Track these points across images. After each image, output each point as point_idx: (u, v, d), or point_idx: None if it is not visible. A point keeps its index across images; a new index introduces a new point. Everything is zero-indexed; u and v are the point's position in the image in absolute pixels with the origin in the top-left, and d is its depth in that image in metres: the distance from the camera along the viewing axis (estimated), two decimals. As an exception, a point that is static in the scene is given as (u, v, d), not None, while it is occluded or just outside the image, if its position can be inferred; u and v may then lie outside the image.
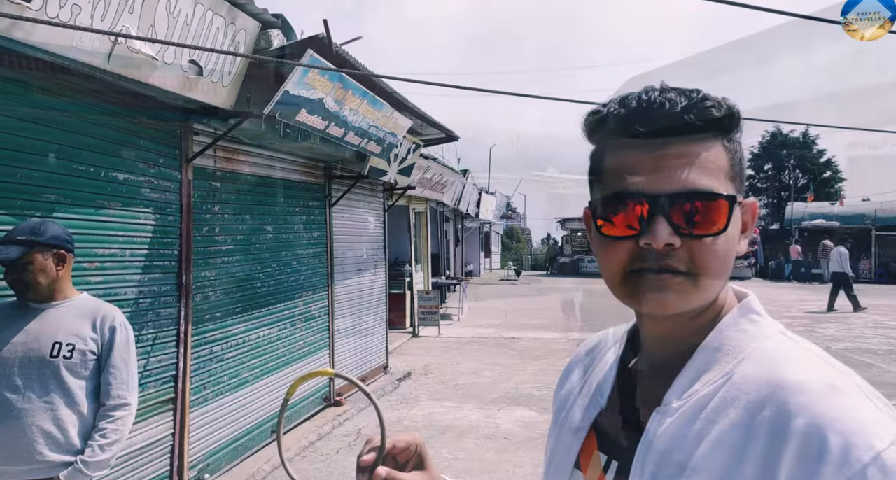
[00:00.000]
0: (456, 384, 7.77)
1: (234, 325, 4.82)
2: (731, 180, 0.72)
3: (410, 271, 11.96)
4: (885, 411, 0.63)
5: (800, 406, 0.62)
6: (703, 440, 0.65)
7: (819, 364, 0.67)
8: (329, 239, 6.60)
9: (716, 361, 0.70)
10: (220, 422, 4.57)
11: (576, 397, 0.86)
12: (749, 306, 0.76)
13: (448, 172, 12.38)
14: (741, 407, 0.65)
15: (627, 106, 0.71)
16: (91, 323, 2.19)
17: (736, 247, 0.73)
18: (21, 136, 2.94)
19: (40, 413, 2.07)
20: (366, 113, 5.54)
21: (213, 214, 4.55)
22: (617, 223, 0.71)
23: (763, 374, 0.66)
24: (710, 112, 0.70)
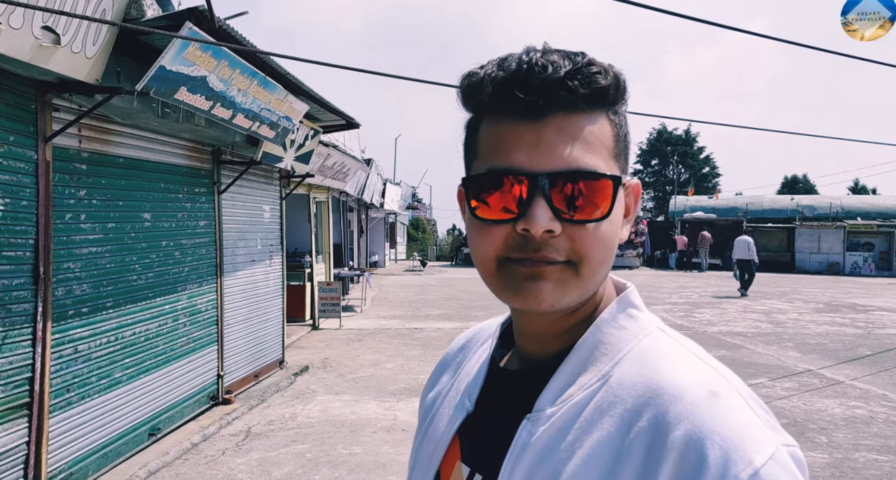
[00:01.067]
0: (355, 377, 7.62)
1: (105, 321, 4.41)
2: (616, 158, 0.65)
3: (311, 262, 11.62)
4: (763, 417, 0.59)
5: (678, 415, 0.57)
6: (576, 453, 0.59)
7: (699, 365, 0.63)
8: (218, 228, 6.22)
9: (592, 361, 0.65)
10: (86, 427, 4.17)
11: (442, 400, 0.78)
12: (628, 299, 0.70)
13: (350, 161, 12.11)
14: (617, 416, 0.60)
15: (506, 68, 0.62)
16: None
17: (619, 234, 0.66)
18: None
19: None
20: (256, 94, 5.24)
21: (77, 200, 4.11)
22: (492, 204, 0.63)
23: (640, 377, 0.62)
24: (596, 79, 0.62)
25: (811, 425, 5.54)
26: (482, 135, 0.66)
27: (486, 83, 0.63)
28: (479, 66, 0.66)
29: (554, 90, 0.61)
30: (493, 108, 0.64)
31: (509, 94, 0.62)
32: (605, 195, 0.62)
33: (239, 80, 4.80)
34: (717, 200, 28.36)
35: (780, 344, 9.42)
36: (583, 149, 0.62)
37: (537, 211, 0.60)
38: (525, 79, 0.61)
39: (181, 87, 4.12)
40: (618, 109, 0.66)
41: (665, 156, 43.99)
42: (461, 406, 0.73)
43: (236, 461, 4.78)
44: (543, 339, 0.69)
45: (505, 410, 0.68)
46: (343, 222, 16.53)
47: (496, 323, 0.82)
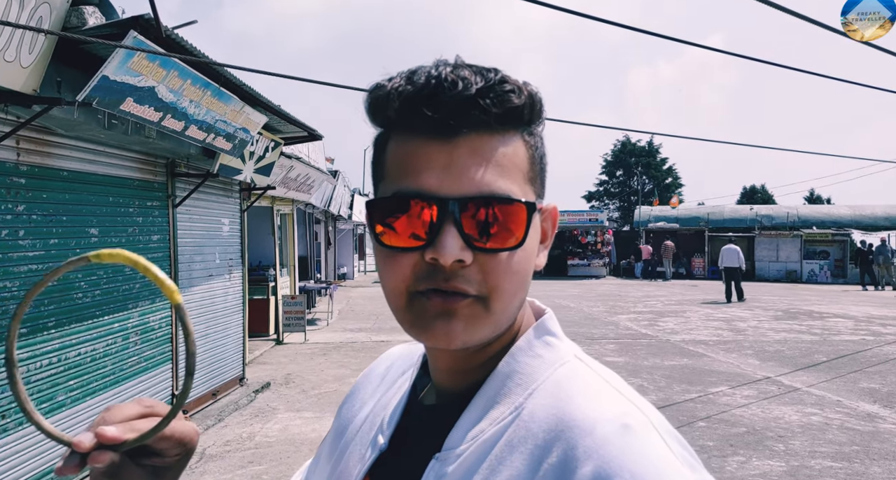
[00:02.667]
0: (318, 392, 7.46)
1: (47, 342, 4.20)
2: (531, 182, 0.61)
3: (275, 275, 11.41)
4: (680, 454, 0.55)
5: (587, 450, 0.54)
6: None
7: (613, 396, 0.59)
8: (172, 243, 6.04)
9: (506, 393, 0.61)
10: (22, 456, 3.95)
11: (356, 433, 0.73)
12: (545, 326, 0.66)
13: (315, 173, 11.96)
14: (528, 452, 0.56)
15: (415, 82, 0.58)
16: None
17: (534, 261, 0.63)
18: None
19: None
20: (210, 106, 5.11)
21: (15, 216, 3.92)
22: (399, 230, 0.58)
23: (553, 410, 0.58)
24: (509, 97, 0.58)
25: (769, 433, 5.59)
26: (389, 154, 0.61)
27: (392, 98, 0.59)
28: (388, 79, 0.61)
29: (465, 108, 0.57)
30: (400, 126, 0.60)
31: (417, 111, 0.57)
32: (519, 221, 0.58)
33: (190, 90, 4.67)
34: (680, 209, 28.94)
35: (741, 351, 9.56)
36: (496, 172, 0.58)
37: (447, 239, 0.56)
38: (434, 95, 0.57)
39: (127, 98, 3.98)
40: (533, 130, 0.63)
41: (629, 167, 44.86)
42: (375, 443, 0.69)
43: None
44: (457, 374, 0.65)
45: (418, 448, 0.64)
46: (310, 234, 16.32)
47: (419, 350, 0.76)
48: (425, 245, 0.57)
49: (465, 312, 0.58)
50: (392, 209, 0.59)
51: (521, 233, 0.59)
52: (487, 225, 0.58)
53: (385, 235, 0.59)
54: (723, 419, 5.99)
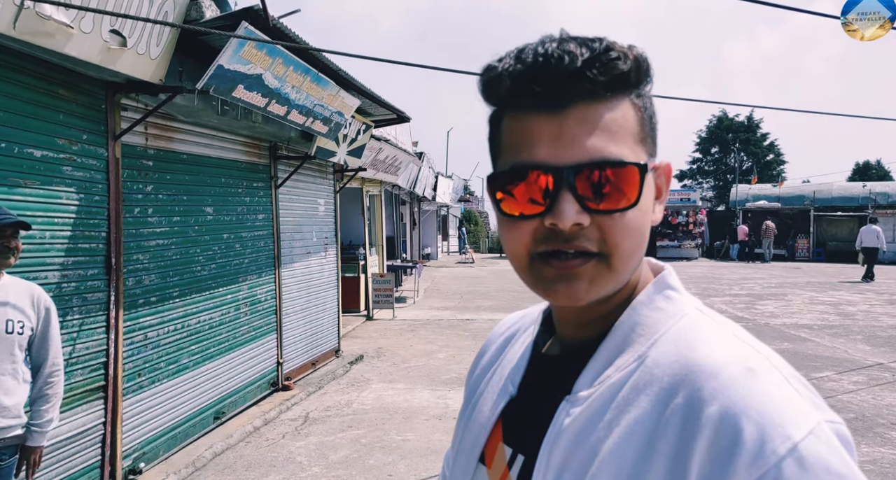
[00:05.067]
0: (408, 366, 7.75)
1: (172, 310, 4.66)
2: (642, 143, 0.64)
3: (364, 254, 11.84)
4: (805, 395, 0.58)
5: (713, 391, 0.56)
6: (613, 431, 0.60)
7: (735, 343, 0.62)
8: (275, 221, 6.44)
9: (629, 343, 0.65)
10: (157, 410, 4.42)
11: (486, 384, 0.80)
12: (665, 281, 0.69)
13: (402, 154, 12.24)
14: (653, 395, 0.59)
15: (523, 60, 0.62)
16: (30, 302, 2.43)
17: (650, 218, 0.66)
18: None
19: None
20: (309, 90, 5.38)
21: (145, 195, 4.35)
22: (519, 198, 0.63)
23: (677, 356, 0.61)
24: (616, 65, 0.61)
25: (880, 420, 5.27)
26: (504, 131, 0.65)
27: (503, 78, 0.63)
28: (497, 59, 0.65)
29: (572, 81, 0.60)
30: (512, 103, 0.64)
31: (527, 89, 0.61)
32: (632, 183, 0.61)
33: (293, 76, 4.94)
34: (782, 188, 27.09)
35: (849, 336, 8.97)
36: (606, 138, 0.61)
37: (564, 205, 0.60)
38: (542, 71, 0.60)
39: (238, 85, 4.29)
40: (641, 92, 0.65)
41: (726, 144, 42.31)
42: (504, 390, 0.74)
43: (295, 444, 4.97)
44: (581, 325, 0.70)
45: (546, 393, 0.69)
46: (396, 215, 16.75)
47: (538, 309, 0.82)
48: (544, 212, 0.61)
49: (588, 273, 0.62)
50: (511, 181, 0.63)
51: (634, 194, 0.61)
52: (601, 188, 0.61)
53: (505, 204, 0.64)
54: (829, 404, 5.70)
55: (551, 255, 0.62)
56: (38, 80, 3.35)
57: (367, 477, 4.30)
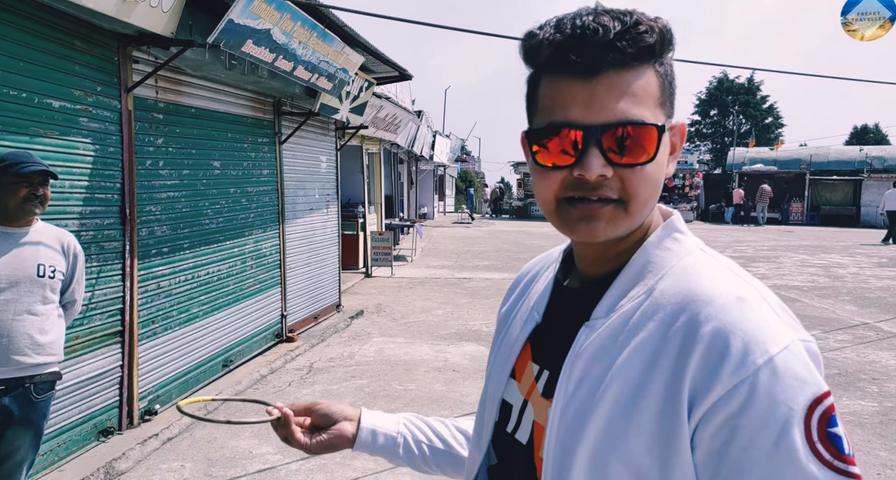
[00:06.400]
0: (407, 321, 7.97)
1: (182, 261, 4.79)
2: (661, 106, 0.73)
3: (364, 212, 11.94)
4: (785, 319, 0.68)
5: (708, 315, 0.67)
6: (624, 349, 0.70)
7: (731, 277, 0.72)
8: (279, 177, 6.52)
9: (640, 278, 0.75)
10: (169, 355, 4.61)
11: (514, 314, 0.91)
12: (673, 225, 0.80)
13: (402, 113, 12.20)
14: (659, 320, 0.70)
15: (562, 30, 0.70)
16: (60, 248, 2.55)
17: (665, 171, 0.76)
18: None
19: (30, 323, 2.37)
20: (316, 47, 5.38)
21: (156, 147, 4.43)
22: (552, 150, 0.72)
23: (680, 288, 0.71)
24: (643, 38, 0.70)
25: (862, 375, 5.54)
26: (542, 92, 0.74)
27: (544, 45, 0.72)
28: (539, 27, 0.73)
29: (605, 51, 0.69)
30: (550, 68, 0.73)
31: (565, 57, 0.70)
32: (650, 141, 0.71)
33: (300, 32, 4.95)
34: (779, 152, 27.09)
35: (837, 297, 9.24)
36: (631, 102, 0.70)
37: (591, 159, 0.70)
38: (579, 42, 0.69)
39: (247, 40, 4.31)
40: (664, 60, 0.74)
41: (725, 106, 41.99)
42: (531, 318, 0.86)
43: (301, 392, 5.19)
44: (598, 262, 0.80)
45: (567, 320, 0.79)
46: (394, 174, 16.77)
47: (558, 250, 0.94)
48: (573, 164, 0.71)
49: (607, 215, 0.72)
50: (546, 136, 0.72)
51: (652, 150, 0.71)
52: (624, 145, 0.70)
53: (540, 156, 0.74)
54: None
55: (577, 200, 0.73)
56: (56, 30, 3.39)
57: (371, 421, 4.54)
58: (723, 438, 0.63)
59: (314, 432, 1.01)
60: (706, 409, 0.64)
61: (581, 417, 0.70)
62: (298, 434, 0.99)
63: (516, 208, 28.89)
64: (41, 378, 2.42)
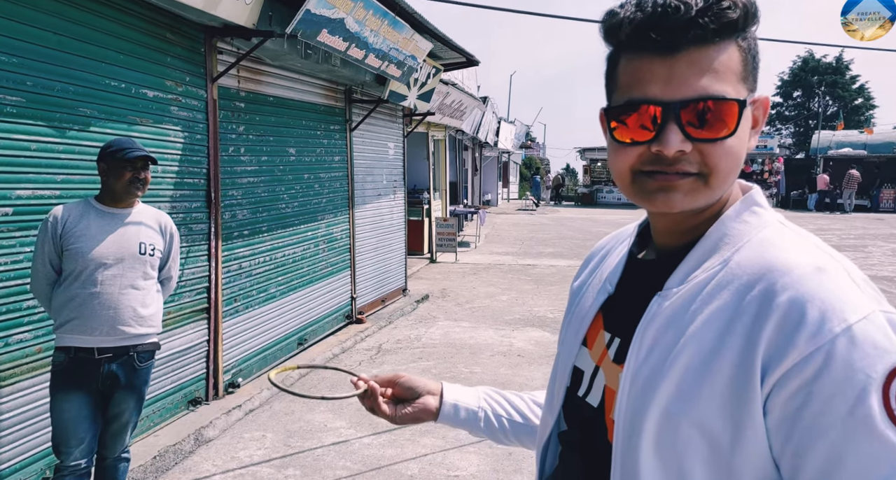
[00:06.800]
0: (472, 306, 8.05)
1: (261, 243, 5.03)
2: (744, 81, 0.72)
3: (429, 198, 12.08)
4: (868, 292, 0.66)
5: (785, 284, 0.66)
6: (697, 318, 0.70)
7: (811, 249, 0.71)
8: (349, 163, 6.70)
9: (716, 250, 0.74)
10: (250, 332, 4.87)
11: (587, 286, 0.93)
12: (752, 199, 0.78)
13: (468, 99, 12.21)
14: (734, 290, 0.70)
15: (643, 8, 0.70)
16: (159, 228, 2.74)
17: (746, 145, 0.74)
18: (56, 50, 3.02)
19: (133, 296, 2.57)
20: (386, 34, 5.48)
21: (238, 135, 4.65)
22: (630, 126, 0.73)
23: (757, 259, 0.71)
24: (726, 14, 0.68)
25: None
26: (621, 70, 0.74)
27: (625, 24, 0.71)
28: (619, 6, 0.73)
29: (685, 29, 0.68)
30: (630, 46, 0.73)
31: (645, 35, 0.70)
32: (731, 115, 0.70)
33: (372, 20, 5.05)
34: (870, 135, 25.24)
35: (930, 294, 8.63)
36: (712, 78, 0.69)
37: (670, 135, 0.70)
38: (660, 20, 0.69)
39: (323, 29, 4.45)
40: (747, 35, 0.72)
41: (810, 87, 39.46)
42: (603, 289, 0.87)
43: (371, 371, 5.37)
44: (674, 234, 0.79)
45: (640, 290, 0.79)
46: (458, 160, 16.83)
47: (633, 225, 0.95)
48: (652, 139, 0.71)
49: (686, 187, 0.72)
50: (625, 112, 0.72)
51: (732, 124, 0.70)
52: (703, 120, 0.69)
53: (618, 132, 0.74)
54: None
55: (655, 171, 0.73)
56: (151, 24, 3.63)
57: (439, 402, 4.65)
58: (796, 404, 0.63)
59: (397, 403, 1.06)
60: (780, 376, 0.64)
61: (652, 381, 0.71)
62: (384, 406, 1.04)
63: (582, 195, 28.38)
64: (143, 347, 2.62)
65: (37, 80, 2.91)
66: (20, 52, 2.82)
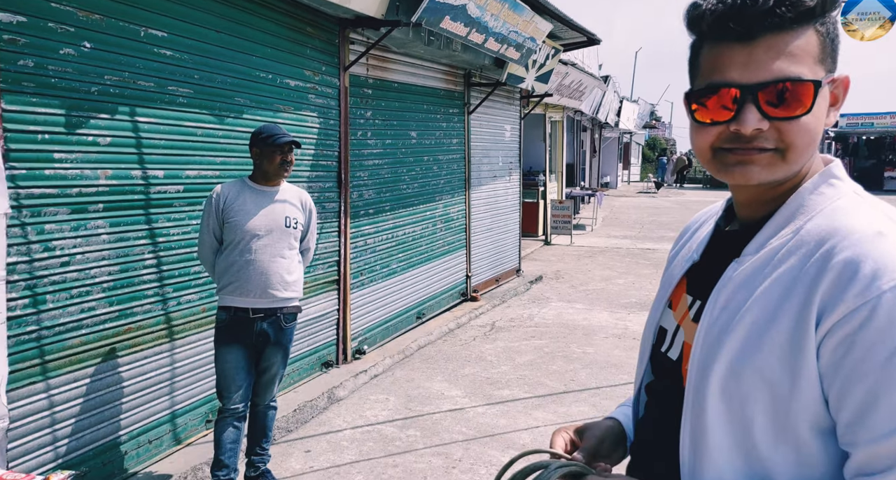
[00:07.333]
0: (586, 289, 8.01)
1: (384, 221, 5.37)
2: (821, 62, 0.77)
3: (544, 180, 12.03)
4: None
5: (844, 246, 0.72)
6: (765, 281, 0.78)
7: (877, 216, 0.76)
8: (466, 146, 6.88)
9: (792, 219, 0.81)
10: (374, 304, 5.24)
11: (678, 255, 1.02)
12: (831, 172, 0.83)
13: (587, 78, 11.94)
14: (801, 254, 0.76)
15: (724, 1, 0.76)
16: (300, 204, 3.05)
17: (824, 121, 0.79)
18: (218, 46, 3.44)
19: (280, 264, 2.92)
20: (506, 18, 5.55)
21: (365, 119, 4.98)
22: (710, 107, 0.79)
23: (825, 225, 0.77)
24: (803, 3, 0.73)
25: None
26: (703, 57, 0.81)
27: (706, 15, 0.78)
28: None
29: (763, 18, 0.74)
30: (711, 35, 0.79)
31: (725, 25, 0.76)
32: (806, 95, 0.75)
33: (492, 4, 5.15)
34: None
35: None
36: (788, 61, 0.75)
37: (747, 115, 0.76)
38: (739, 11, 0.75)
39: (445, 16, 4.62)
40: (825, 19, 0.76)
41: None
42: (690, 257, 0.96)
43: (485, 346, 5.57)
44: (754, 205, 0.86)
45: (722, 258, 0.87)
46: (576, 142, 16.52)
47: (722, 202, 1.03)
48: (730, 119, 0.77)
49: (763, 161, 0.78)
50: (705, 95, 0.79)
51: (808, 103, 0.75)
52: (780, 100, 0.75)
53: (699, 113, 0.81)
54: None
55: (735, 148, 0.79)
56: (294, 19, 4.00)
57: (551, 379, 4.75)
58: (841, 352, 0.70)
59: None
60: (830, 326, 0.71)
61: (721, 336, 0.79)
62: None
63: (710, 177, 26.74)
64: (288, 309, 2.97)
65: (202, 73, 3.34)
66: (190, 50, 3.25)
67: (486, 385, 4.61)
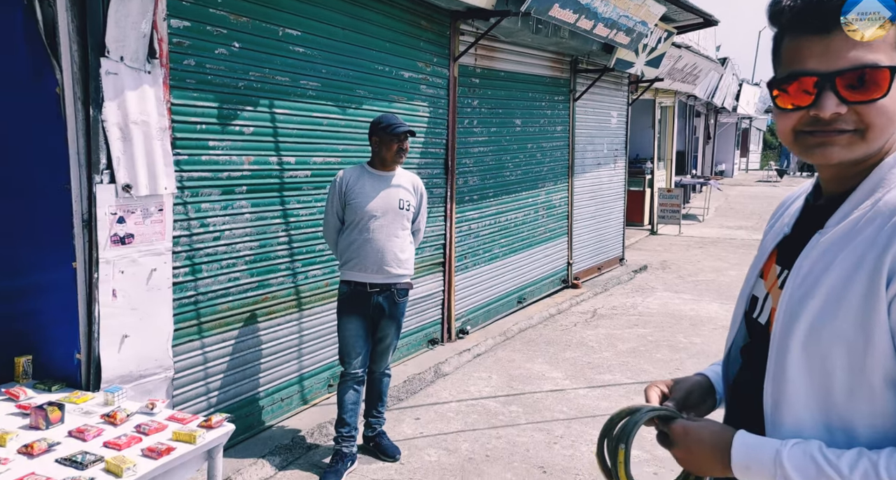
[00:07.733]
0: (695, 280, 7.75)
1: (487, 207, 5.53)
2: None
3: (652, 168, 11.66)
4: None
5: None
6: (844, 250, 0.86)
7: None
8: (571, 133, 6.87)
9: (872, 193, 0.88)
10: (476, 287, 5.43)
11: (772, 229, 1.12)
12: None
13: (703, 62, 11.38)
14: (876, 224, 0.84)
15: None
16: (412, 188, 3.27)
17: None
18: (342, 42, 3.73)
19: (394, 243, 3.16)
20: (616, 2, 5.49)
21: (472, 108, 5.14)
22: (791, 93, 0.87)
23: None
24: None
25: None
26: (784, 48, 0.90)
27: (786, 11, 0.87)
28: None
29: (839, 12, 0.81)
30: (791, 29, 0.88)
31: (804, 20, 0.85)
32: (883, 79, 0.82)
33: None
34: None
35: None
36: (864, 49, 0.82)
37: (826, 100, 0.84)
38: (817, 6, 0.83)
39: (554, 4, 4.66)
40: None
41: None
42: (781, 231, 1.05)
43: (586, 332, 5.61)
44: (839, 181, 0.93)
45: (809, 230, 0.95)
46: (688, 128, 15.79)
47: (808, 184, 1.10)
48: (810, 105, 0.85)
49: (843, 142, 0.85)
50: (786, 82, 0.87)
51: (885, 86, 0.82)
52: (857, 84, 0.82)
53: (780, 99, 0.89)
54: None
55: (816, 130, 0.87)
56: (411, 14, 4.23)
57: (655, 366, 4.72)
58: None
59: None
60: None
61: (803, 300, 0.88)
62: None
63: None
64: (401, 285, 3.21)
65: (329, 67, 3.65)
66: (319, 46, 3.57)
67: (588, 369, 4.66)
